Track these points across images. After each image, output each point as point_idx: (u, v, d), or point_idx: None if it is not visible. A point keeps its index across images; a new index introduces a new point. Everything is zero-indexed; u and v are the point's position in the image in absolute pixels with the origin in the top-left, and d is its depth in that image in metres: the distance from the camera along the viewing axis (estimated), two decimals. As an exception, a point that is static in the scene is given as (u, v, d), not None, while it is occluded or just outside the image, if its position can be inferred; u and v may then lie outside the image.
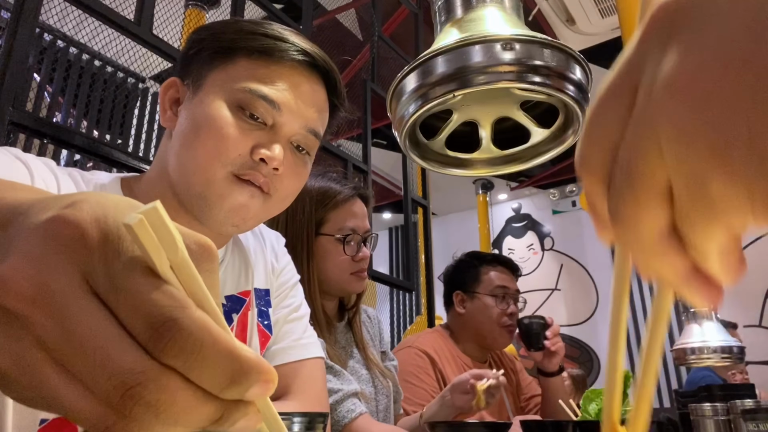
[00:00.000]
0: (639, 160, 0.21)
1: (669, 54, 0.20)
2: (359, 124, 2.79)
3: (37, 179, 0.61)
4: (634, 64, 0.22)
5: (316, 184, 1.25)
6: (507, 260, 1.79)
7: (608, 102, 0.23)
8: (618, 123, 0.22)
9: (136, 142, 1.97)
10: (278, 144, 0.69)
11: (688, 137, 0.19)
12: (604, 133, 0.23)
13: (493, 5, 0.76)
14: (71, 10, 1.75)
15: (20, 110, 1.38)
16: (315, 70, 0.74)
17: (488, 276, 1.72)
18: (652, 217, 0.21)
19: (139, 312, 0.21)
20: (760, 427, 0.74)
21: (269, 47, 0.71)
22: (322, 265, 1.22)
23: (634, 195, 0.21)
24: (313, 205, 1.23)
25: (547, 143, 0.81)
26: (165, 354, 0.21)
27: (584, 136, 0.24)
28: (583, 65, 0.70)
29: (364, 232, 1.26)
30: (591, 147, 0.24)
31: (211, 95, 0.69)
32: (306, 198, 1.23)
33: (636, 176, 0.21)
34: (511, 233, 6.46)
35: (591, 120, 0.24)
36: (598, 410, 0.86)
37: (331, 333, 1.23)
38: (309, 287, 1.17)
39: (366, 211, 1.30)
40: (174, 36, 2.28)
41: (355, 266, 1.23)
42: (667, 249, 0.21)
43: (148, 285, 0.21)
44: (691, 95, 0.19)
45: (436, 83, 0.69)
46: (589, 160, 0.24)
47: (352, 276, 1.24)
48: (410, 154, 0.82)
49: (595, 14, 3.06)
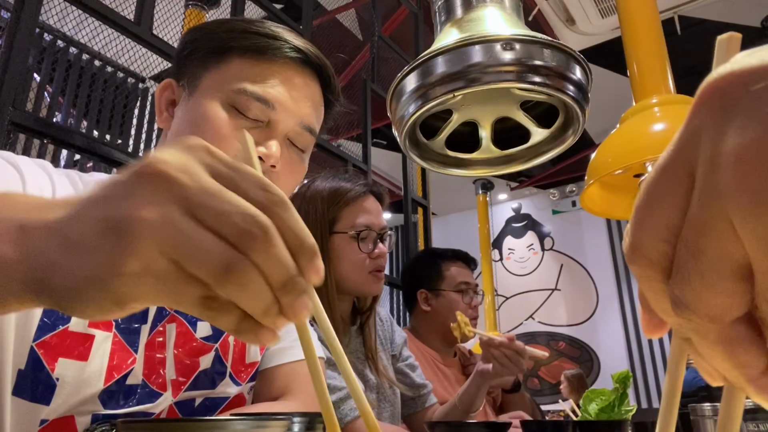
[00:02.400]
0: (709, 238, 0.20)
1: (730, 128, 0.19)
2: (359, 124, 2.79)
3: (29, 183, 0.60)
4: (687, 143, 0.21)
5: (327, 184, 1.24)
6: (464, 255, 1.80)
7: (662, 183, 0.22)
8: (676, 204, 0.21)
9: (136, 142, 1.97)
10: (274, 141, 0.69)
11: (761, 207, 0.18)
12: (660, 216, 0.21)
13: (493, 5, 0.76)
14: (71, 10, 1.75)
15: (20, 110, 1.38)
16: (308, 66, 0.74)
17: (450, 272, 1.72)
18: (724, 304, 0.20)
19: (255, 181, 0.30)
20: (760, 427, 0.74)
21: (262, 45, 0.71)
22: (337, 264, 1.19)
23: (704, 277, 0.20)
24: (324, 204, 1.21)
25: (547, 143, 0.81)
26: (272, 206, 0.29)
27: (635, 221, 0.22)
28: (583, 65, 0.70)
29: (379, 229, 1.23)
30: (645, 232, 0.22)
31: (207, 96, 0.69)
32: (317, 199, 1.22)
33: (706, 256, 0.20)
34: (511, 233, 6.46)
35: (644, 203, 0.22)
36: (598, 410, 0.86)
37: (345, 335, 1.21)
38: (326, 289, 1.15)
39: (380, 208, 1.27)
40: (174, 36, 2.28)
41: (372, 264, 1.20)
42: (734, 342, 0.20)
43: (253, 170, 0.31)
44: (762, 164, 0.18)
45: (436, 83, 0.69)
46: (644, 246, 0.22)
47: (370, 275, 1.21)
48: (410, 154, 0.82)
49: (595, 14, 3.06)
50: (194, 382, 0.71)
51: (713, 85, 0.20)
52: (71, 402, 0.60)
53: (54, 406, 0.59)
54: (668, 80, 1.78)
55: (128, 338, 0.66)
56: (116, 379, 0.63)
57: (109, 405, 0.63)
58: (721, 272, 0.19)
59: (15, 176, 0.60)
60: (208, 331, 0.74)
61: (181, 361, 0.70)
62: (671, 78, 1.79)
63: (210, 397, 0.73)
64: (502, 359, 1.22)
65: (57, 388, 0.59)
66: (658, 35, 1.87)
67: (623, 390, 0.85)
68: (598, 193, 1.85)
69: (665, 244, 0.21)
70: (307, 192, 1.24)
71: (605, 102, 2.62)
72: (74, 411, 0.60)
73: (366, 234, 1.20)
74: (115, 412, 0.63)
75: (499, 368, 1.22)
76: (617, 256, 5.67)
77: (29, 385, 0.58)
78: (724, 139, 0.19)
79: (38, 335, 0.59)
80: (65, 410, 0.60)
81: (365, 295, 1.26)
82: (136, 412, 0.64)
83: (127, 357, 0.65)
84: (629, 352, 5.28)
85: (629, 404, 0.85)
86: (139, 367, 0.66)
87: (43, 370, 0.59)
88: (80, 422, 0.61)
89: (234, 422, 0.32)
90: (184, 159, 0.29)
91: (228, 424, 0.32)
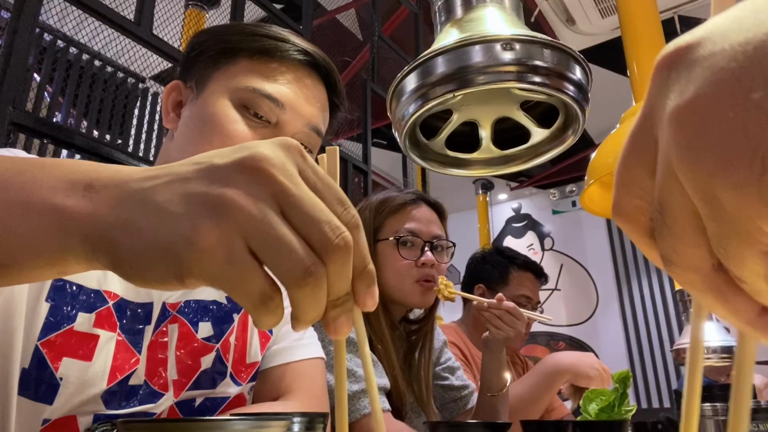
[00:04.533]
0: (667, 194, 0.22)
1: (672, 92, 0.21)
2: (359, 124, 2.79)
3: None
4: (647, 108, 0.23)
5: (379, 196, 1.22)
6: (536, 267, 1.73)
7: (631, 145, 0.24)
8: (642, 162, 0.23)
9: (136, 142, 1.97)
10: None
11: (694, 159, 0.20)
12: (631, 175, 0.24)
13: (493, 5, 0.76)
14: (71, 10, 1.75)
15: (20, 110, 1.38)
16: (315, 69, 0.75)
17: (517, 280, 1.65)
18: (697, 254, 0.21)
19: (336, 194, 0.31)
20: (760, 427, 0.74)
21: (270, 47, 0.71)
22: (381, 273, 1.15)
23: (672, 232, 0.22)
24: (371, 213, 1.19)
25: (547, 143, 0.81)
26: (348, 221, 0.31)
27: (615, 181, 0.24)
28: (583, 65, 0.70)
29: (429, 237, 1.18)
30: (621, 190, 0.24)
31: (216, 95, 0.69)
32: (366, 210, 1.20)
33: (669, 211, 0.22)
34: (511, 233, 6.46)
35: (620, 164, 0.24)
36: (598, 410, 0.86)
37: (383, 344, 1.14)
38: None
39: (434, 217, 1.22)
40: (174, 36, 2.28)
41: (418, 273, 1.15)
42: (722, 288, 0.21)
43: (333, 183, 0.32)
44: (692, 121, 0.20)
45: (436, 83, 0.69)
46: (623, 208, 0.24)
47: (416, 285, 1.15)
48: (410, 154, 0.82)
49: (595, 14, 3.06)
50: (195, 382, 0.71)
51: (664, 54, 0.22)
52: (74, 402, 0.60)
53: (56, 405, 0.59)
54: (668, 80, 1.78)
55: (132, 339, 0.66)
56: (119, 379, 0.63)
57: (111, 405, 0.63)
58: (683, 225, 0.21)
59: None
60: (209, 332, 0.74)
61: (182, 362, 0.70)
62: (671, 78, 1.79)
63: (210, 397, 0.73)
64: (494, 320, 1.17)
65: (60, 387, 0.59)
66: (658, 35, 1.88)
67: (623, 390, 0.85)
68: (598, 193, 1.85)
69: (638, 199, 0.24)
70: (362, 206, 1.23)
71: (605, 102, 2.62)
72: (76, 411, 0.60)
73: (410, 240, 1.16)
74: (117, 412, 0.63)
75: (495, 331, 1.18)
76: (617, 256, 5.66)
77: (32, 385, 0.58)
78: (666, 102, 0.21)
79: (43, 334, 0.59)
80: (68, 410, 0.60)
81: (412, 306, 1.21)
82: (137, 412, 0.64)
83: (130, 357, 0.65)
84: (629, 352, 5.28)
85: (629, 404, 0.85)
86: (142, 368, 0.66)
87: (47, 370, 0.59)
88: (82, 422, 0.61)
89: (234, 422, 0.32)
90: (283, 158, 0.30)
91: (228, 424, 0.32)
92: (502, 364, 1.20)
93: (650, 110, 0.23)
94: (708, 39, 0.21)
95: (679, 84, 0.21)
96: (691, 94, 0.20)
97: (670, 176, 0.21)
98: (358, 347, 0.35)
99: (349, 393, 0.98)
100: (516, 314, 1.18)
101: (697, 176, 0.20)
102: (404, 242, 1.16)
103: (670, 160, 0.21)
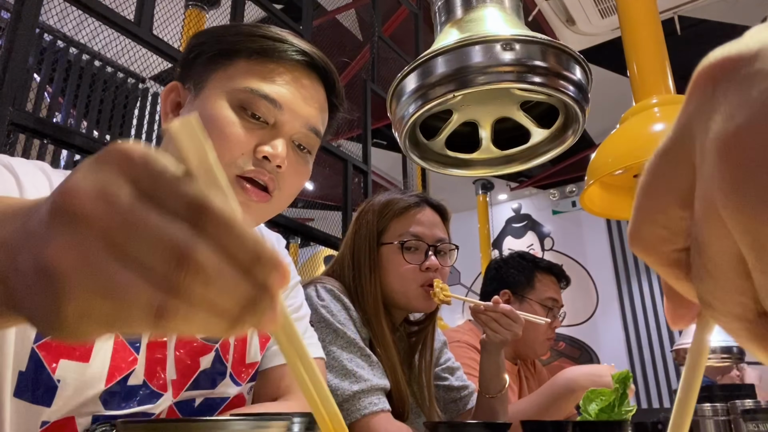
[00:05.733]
0: (707, 234, 0.19)
1: (717, 114, 0.18)
2: (359, 124, 2.79)
3: (27, 188, 0.60)
4: (683, 127, 0.20)
5: (382, 198, 1.22)
6: (559, 270, 1.72)
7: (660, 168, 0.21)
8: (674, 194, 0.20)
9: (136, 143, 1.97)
10: (281, 141, 0.69)
11: (744, 200, 0.17)
12: (657, 206, 0.21)
13: (493, 5, 0.76)
14: (71, 10, 1.75)
15: (20, 110, 1.38)
16: (314, 70, 0.75)
17: (542, 284, 1.65)
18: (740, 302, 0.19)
19: (181, 199, 0.25)
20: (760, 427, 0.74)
21: (268, 48, 0.71)
22: (384, 276, 1.15)
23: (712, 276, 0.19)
24: (375, 216, 1.19)
25: (547, 143, 0.81)
26: (205, 227, 0.25)
27: (635, 205, 0.22)
28: (583, 65, 0.70)
29: (433, 241, 1.18)
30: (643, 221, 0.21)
31: (213, 96, 0.69)
32: (369, 212, 1.20)
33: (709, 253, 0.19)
34: (511, 233, 6.46)
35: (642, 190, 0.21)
36: (598, 410, 0.85)
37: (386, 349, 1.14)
38: (372, 302, 1.12)
39: (437, 220, 1.22)
40: (174, 36, 2.28)
41: (422, 277, 1.15)
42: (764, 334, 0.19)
43: (186, 180, 0.26)
44: (744, 153, 0.17)
45: (436, 83, 0.69)
46: (644, 237, 0.21)
47: (421, 290, 1.15)
48: (410, 155, 0.82)
49: (595, 14, 3.06)
50: (194, 382, 0.71)
51: (708, 65, 0.19)
52: (72, 403, 0.60)
53: (55, 407, 0.59)
54: (668, 80, 1.78)
55: (130, 339, 0.66)
56: (118, 380, 0.63)
57: (110, 406, 0.63)
58: (725, 271, 0.19)
59: (12, 183, 0.59)
60: None
61: (181, 362, 0.70)
62: (671, 78, 1.79)
63: (210, 398, 0.73)
64: (490, 323, 1.17)
65: (58, 389, 0.59)
66: (658, 35, 1.87)
67: (623, 390, 0.85)
68: (598, 193, 1.85)
69: (663, 230, 0.21)
70: (364, 208, 1.23)
71: (605, 102, 2.62)
72: (75, 412, 0.60)
73: (414, 244, 1.16)
74: (116, 413, 0.63)
75: (492, 333, 1.18)
76: (617, 257, 5.66)
77: (30, 387, 0.58)
78: (710, 125, 0.18)
79: (39, 336, 0.59)
80: (66, 412, 0.60)
81: (416, 310, 1.21)
82: (136, 413, 0.64)
83: (128, 357, 0.65)
84: (629, 352, 5.28)
85: (629, 404, 0.85)
86: (141, 368, 0.66)
87: (44, 372, 0.59)
88: (80, 423, 0.61)
89: (234, 422, 0.32)
90: (100, 181, 0.25)
91: (228, 424, 0.32)
92: (500, 366, 1.21)
93: (687, 131, 0.20)
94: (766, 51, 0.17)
95: (727, 104, 0.18)
96: (743, 119, 0.17)
97: (712, 215, 0.18)
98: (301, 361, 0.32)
99: (349, 393, 0.98)
100: (512, 317, 1.18)
101: (747, 221, 0.17)
102: (408, 247, 1.16)
103: (713, 197, 0.18)
